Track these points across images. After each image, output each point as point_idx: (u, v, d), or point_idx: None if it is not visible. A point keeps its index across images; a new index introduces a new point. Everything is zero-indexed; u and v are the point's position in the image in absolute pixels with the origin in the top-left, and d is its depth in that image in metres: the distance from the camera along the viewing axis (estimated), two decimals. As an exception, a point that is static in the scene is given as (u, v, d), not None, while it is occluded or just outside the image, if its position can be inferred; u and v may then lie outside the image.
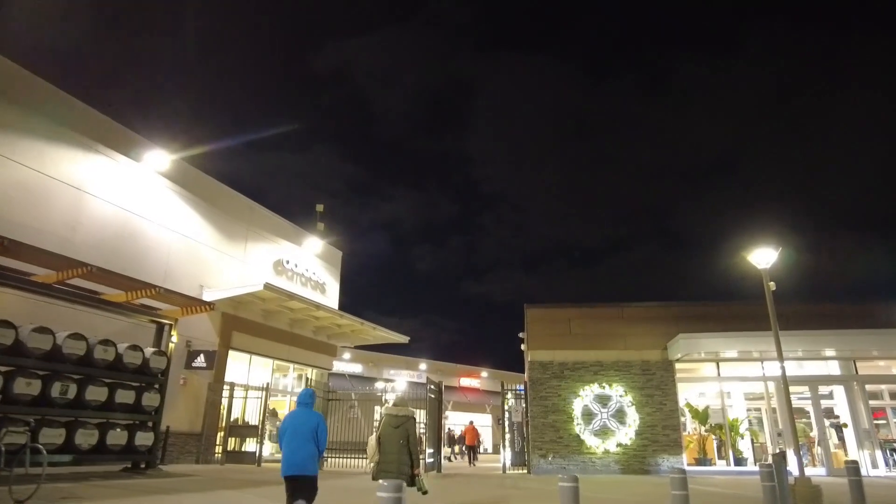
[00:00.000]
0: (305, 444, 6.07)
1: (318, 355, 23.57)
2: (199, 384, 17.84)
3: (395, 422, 7.00)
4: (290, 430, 6.16)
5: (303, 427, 6.14)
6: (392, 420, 7.03)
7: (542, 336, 16.96)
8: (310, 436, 6.11)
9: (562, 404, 16.21)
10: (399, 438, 6.87)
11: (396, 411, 7.13)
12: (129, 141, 16.62)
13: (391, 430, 6.95)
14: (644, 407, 15.93)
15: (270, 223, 22.19)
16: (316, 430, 6.16)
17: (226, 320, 19.02)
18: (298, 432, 6.11)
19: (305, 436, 6.09)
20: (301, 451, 6.05)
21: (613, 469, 15.48)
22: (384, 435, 6.97)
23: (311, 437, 6.11)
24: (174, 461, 16.37)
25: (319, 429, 6.20)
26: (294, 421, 6.22)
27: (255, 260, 20.91)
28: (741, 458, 15.70)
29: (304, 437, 6.08)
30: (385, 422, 7.11)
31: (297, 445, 6.06)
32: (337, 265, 26.10)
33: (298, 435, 6.10)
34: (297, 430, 6.13)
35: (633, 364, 16.34)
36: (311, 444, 6.10)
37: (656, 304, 17.09)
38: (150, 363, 13.22)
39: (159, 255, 17.04)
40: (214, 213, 19.42)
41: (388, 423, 7.05)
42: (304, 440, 6.07)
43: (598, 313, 17.10)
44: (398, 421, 7.01)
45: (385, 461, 6.83)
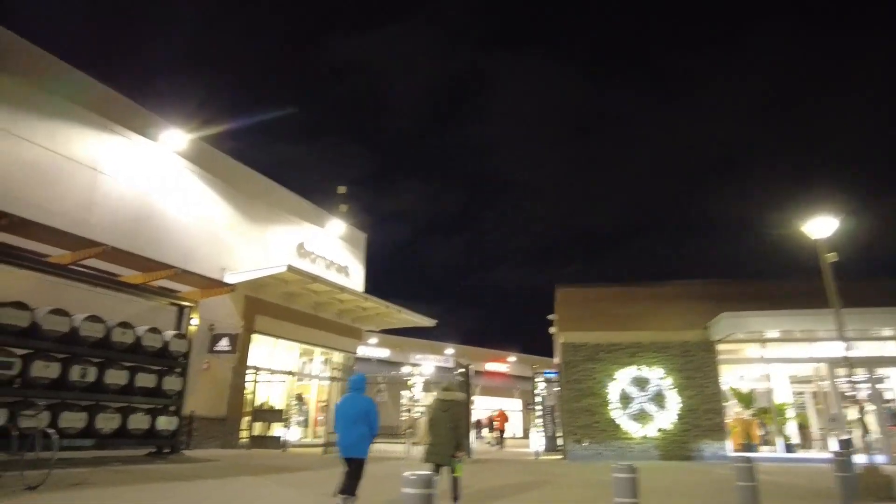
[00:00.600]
0: (355, 427, 6.34)
1: (343, 339, 23.15)
2: (223, 368, 17.52)
3: (443, 406, 7.27)
4: (341, 414, 6.50)
5: (353, 411, 6.44)
6: (441, 405, 7.31)
7: (575, 317, 16.18)
8: (360, 418, 6.37)
9: (597, 387, 15.44)
10: (448, 422, 7.09)
11: (445, 396, 7.40)
12: (145, 120, 16.19)
13: (440, 415, 7.20)
14: (684, 390, 15.08)
15: (292, 205, 21.71)
16: (367, 414, 6.45)
17: (249, 303, 18.64)
18: (349, 416, 6.42)
19: (355, 418, 6.37)
20: (351, 434, 6.33)
21: (653, 455, 14.71)
22: (433, 419, 7.24)
23: (361, 419, 6.37)
24: (199, 446, 16.10)
25: (371, 412, 6.50)
26: (345, 405, 6.57)
27: (277, 242, 20.47)
28: (790, 444, 14.76)
29: (354, 420, 6.37)
30: (434, 406, 7.43)
31: (348, 428, 6.36)
32: (361, 247, 25.57)
33: (349, 418, 6.40)
34: (348, 414, 6.44)
35: (672, 345, 15.47)
36: (362, 426, 6.36)
37: (696, 283, 16.15)
38: (170, 346, 12.86)
39: (178, 237, 16.65)
40: (234, 194, 18.98)
41: (437, 407, 7.34)
42: (353, 423, 6.36)
43: (633, 293, 16.24)
44: (447, 405, 7.27)
45: (434, 443, 7.09)
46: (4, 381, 9.87)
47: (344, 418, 6.45)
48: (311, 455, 15.04)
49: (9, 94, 12.91)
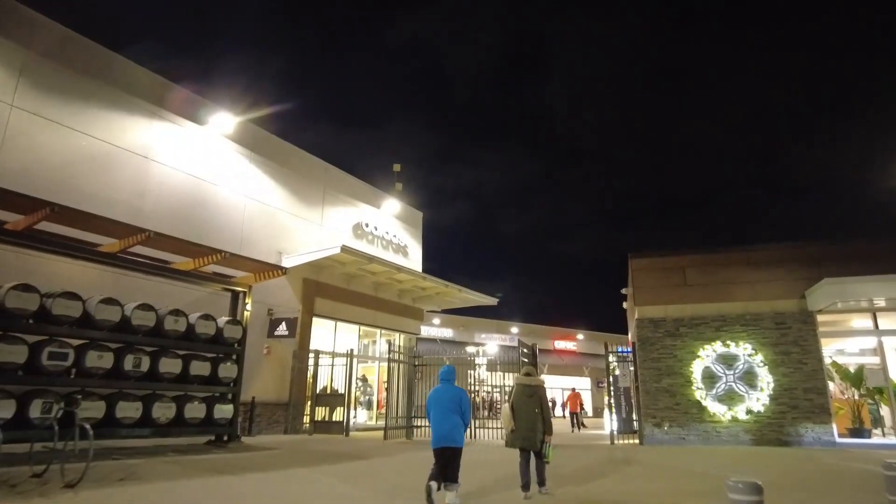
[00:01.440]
0: (449, 417, 6.36)
1: (404, 319, 22.61)
2: (284, 353, 17.30)
3: (528, 391, 7.23)
4: (434, 405, 6.52)
5: (445, 401, 6.47)
6: (525, 389, 7.26)
7: (652, 289, 14.76)
8: (452, 408, 6.40)
9: (678, 366, 14.05)
10: (533, 407, 7.09)
11: (528, 381, 7.36)
12: (194, 105, 15.92)
13: (525, 399, 7.16)
14: (779, 367, 13.45)
15: (347, 185, 21.18)
16: (460, 403, 6.46)
17: (307, 286, 18.31)
18: (442, 406, 6.44)
19: (448, 408, 6.40)
20: (445, 424, 6.33)
21: (743, 440, 13.25)
22: (517, 403, 7.17)
23: (454, 408, 6.40)
24: (262, 432, 15.97)
25: (464, 401, 6.51)
26: (437, 396, 6.57)
27: (333, 224, 20.02)
28: (911, 428, 12.89)
29: (446, 410, 6.39)
30: (517, 391, 7.32)
31: (441, 418, 6.37)
32: (418, 226, 24.86)
33: (441, 408, 6.42)
34: (441, 404, 6.45)
35: (764, 316, 13.81)
36: (455, 415, 6.37)
37: (791, 245, 14.33)
38: (224, 333, 12.53)
39: (233, 222, 16.42)
40: (289, 176, 18.60)
41: (520, 392, 7.26)
42: (447, 412, 6.38)
43: (718, 259, 14.60)
44: (531, 390, 7.24)
45: (521, 428, 7.03)
46: (60, 371, 9.73)
47: (437, 409, 6.47)
48: (374, 439, 14.53)
49: (60, 86, 12.83)
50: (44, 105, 12.49)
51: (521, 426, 7.04)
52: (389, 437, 14.36)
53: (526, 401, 7.16)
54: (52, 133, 12.55)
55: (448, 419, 6.35)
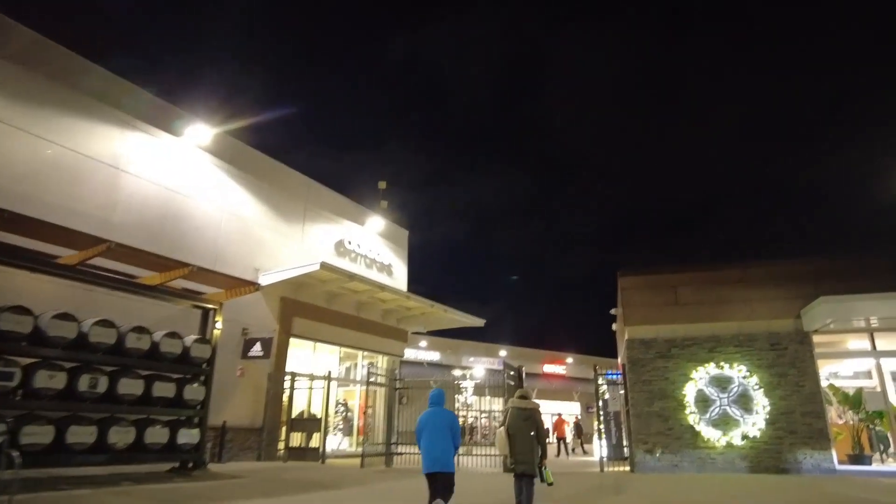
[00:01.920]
0: (441, 441, 6.25)
1: (387, 341, 21.86)
2: (259, 375, 16.50)
3: (523, 414, 7.12)
4: (426, 430, 6.37)
5: (437, 424, 6.35)
6: (520, 413, 7.14)
7: (642, 308, 14.21)
8: (445, 432, 6.30)
9: (670, 389, 13.44)
10: (529, 430, 6.99)
11: (523, 404, 7.25)
12: (169, 115, 15.35)
13: (520, 423, 7.05)
14: (775, 389, 12.89)
15: (330, 201, 20.61)
16: (451, 427, 6.37)
17: (285, 305, 17.59)
18: (435, 430, 6.32)
19: (440, 433, 6.29)
20: (437, 448, 6.21)
21: (739, 467, 12.60)
22: (513, 427, 7.05)
23: (445, 433, 6.30)
24: (234, 458, 15.09)
25: (454, 425, 6.41)
26: (429, 420, 6.44)
27: (314, 240, 19.39)
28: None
29: (439, 435, 6.28)
30: (512, 414, 7.18)
31: (433, 443, 6.25)
32: (403, 245, 24.28)
33: (434, 432, 6.30)
34: (434, 428, 6.33)
35: (758, 337, 13.29)
36: (447, 440, 6.27)
37: (786, 262, 13.89)
38: (191, 352, 11.80)
39: (208, 237, 15.75)
40: (268, 190, 18.01)
41: (516, 415, 7.14)
42: (439, 437, 6.27)
43: (711, 277, 14.11)
44: (526, 413, 7.12)
45: (518, 452, 6.92)
46: (4, 392, 8.96)
47: (429, 433, 6.35)
48: (351, 467, 13.72)
49: (26, 91, 12.26)
50: (8, 111, 11.89)
51: (518, 450, 6.94)
52: (367, 465, 13.55)
53: (522, 424, 7.05)
54: (15, 140, 11.93)
55: (439, 443, 6.27)
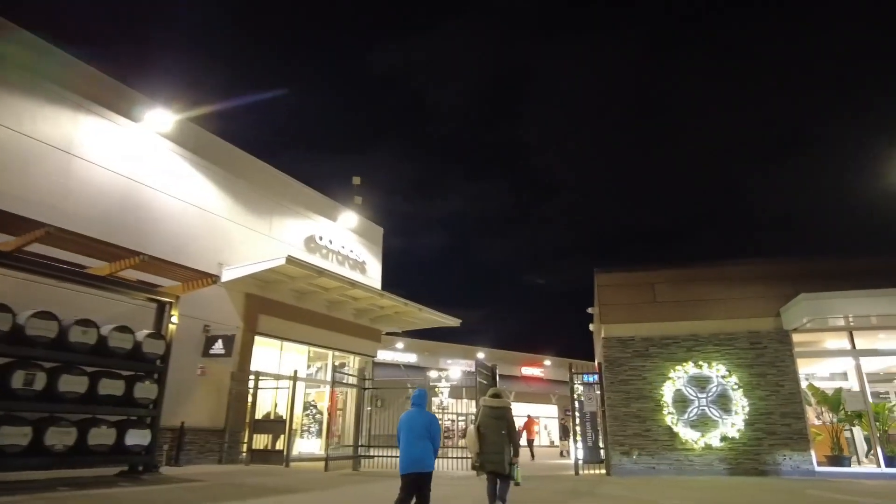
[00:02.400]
0: (420, 442, 6.23)
1: (360, 341, 21.20)
2: (221, 374, 15.73)
3: (494, 413, 7.12)
4: (405, 430, 6.35)
5: (417, 425, 6.32)
6: (492, 412, 7.15)
7: (620, 306, 13.80)
8: (423, 433, 6.27)
9: (647, 389, 13.04)
10: (500, 429, 6.96)
11: (495, 402, 7.24)
12: (128, 99, 14.58)
13: (492, 421, 7.05)
14: (754, 390, 12.55)
15: (300, 196, 19.92)
16: (430, 429, 6.33)
17: (251, 302, 16.85)
18: (413, 431, 6.30)
19: (419, 433, 6.27)
20: (416, 449, 6.20)
21: (717, 469, 12.22)
22: (484, 426, 7.05)
23: (424, 434, 6.27)
24: (193, 461, 14.31)
25: (434, 427, 6.40)
26: (409, 420, 6.40)
27: (283, 236, 18.69)
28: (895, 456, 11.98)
29: (418, 435, 6.26)
30: (484, 413, 7.21)
31: (412, 443, 6.23)
32: (378, 242, 23.66)
33: (413, 433, 6.28)
34: (412, 429, 6.31)
35: (738, 336, 12.96)
36: (426, 441, 6.26)
37: (766, 262, 13.60)
38: (143, 347, 11.05)
39: (170, 229, 14.98)
40: (235, 183, 17.28)
41: (487, 414, 7.15)
42: (418, 438, 6.24)
43: (690, 275, 13.76)
44: (498, 412, 7.12)
45: (489, 451, 6.91)
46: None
47: (409, 434, 6.32)
48: (317, 471, 13.06)
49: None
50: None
51: (489, 449, 6.92)
52: (332, 468, 12.90)
53: (493, 423, 7.04)
54: (-47, 120, 11.11)
55: (419, 444, 6.25)
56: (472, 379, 16.90)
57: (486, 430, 7.02)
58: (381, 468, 14.36)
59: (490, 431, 6.99)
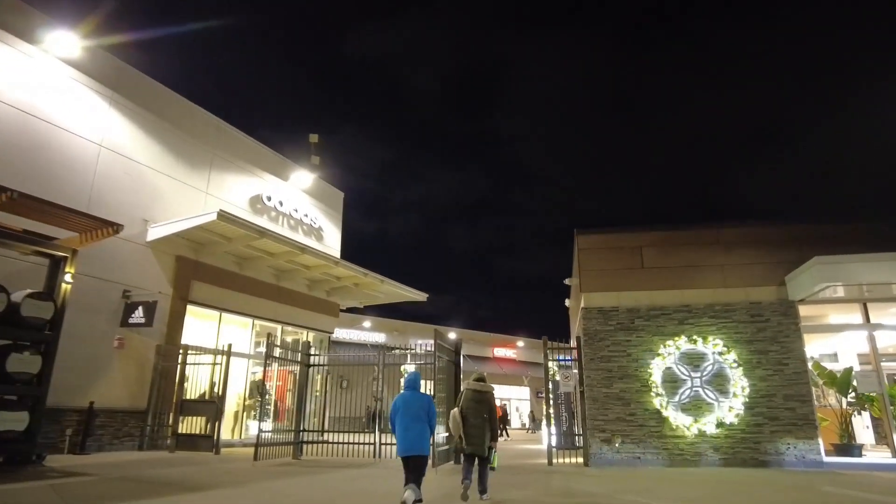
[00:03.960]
0: (415, 425, 6.24)
1: (315, 315, 19.20)
2: (145, 348, 13.63)
3: (477, 396, 7.20)
4: (401, 413, 6.34)
5: (412, 408, 6.33)
6: (474, 395, 7.22)
7: (602, 273, 12.03)
8: (420, 415, 6.30)
9: (633, 367, 11.33)
10: (483, 412, 7.09)
11: (479, 386, 7.30)
12: (25, 16, 12.21)
13: (474, 405, 7.14)
14: (755, 369, 10.93)
15: (245, 150, 17.69)
16: (427, 411, 6.38)
17: (182, 267, 14.71)
18: (409, 414, 6.30)
19: (415, 416, 6.28)
20: (412, 432, 6.21)
21: (711, 459, 10.61)
22: (467, 409, 7.12)
23: (421, 416, 6.31)
24: (105, 448, 12.25)
25: (430, 409, 6.43)
26: (404, 403, 6.39)
27: (223, 193, 16.49)
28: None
29: (413, 418, 6.27)
30: (466, 396, 7.29)
31: (408, 426, 6.23)
32: (338, 208, 21.54)
33: (408, 416, 6.28)
34: (408, 412, 6.31)
35: (737, 307, 11.31)
36: (422, 423, 6.28)
37: (769, 224, 11.92)
38: (22, 311, 8.95)
39: (80, 175, 12.75)
40: (166, 130, 15.02)
41: (470, 397, 7.22)
42: (413, 420, 6.26)
43: (682, 238, 12.03)
44: (480, 396, 7.21)
45: (470, 434, 6.97)
46: None
47: (404, 417, 6.32)
48: (247, 459, 11.09)
49: None
50: None
51: (471, 432, 6.99)
52: (264, 457, 10.95)
53: (475, 407, 7.12)
54: None
55: (415, 427, 6.23)
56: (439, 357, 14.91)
57: (469, 414, 7.08)
58: (336, 456, 12.48)
59: (472, 415, 7.06)
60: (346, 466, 10.65)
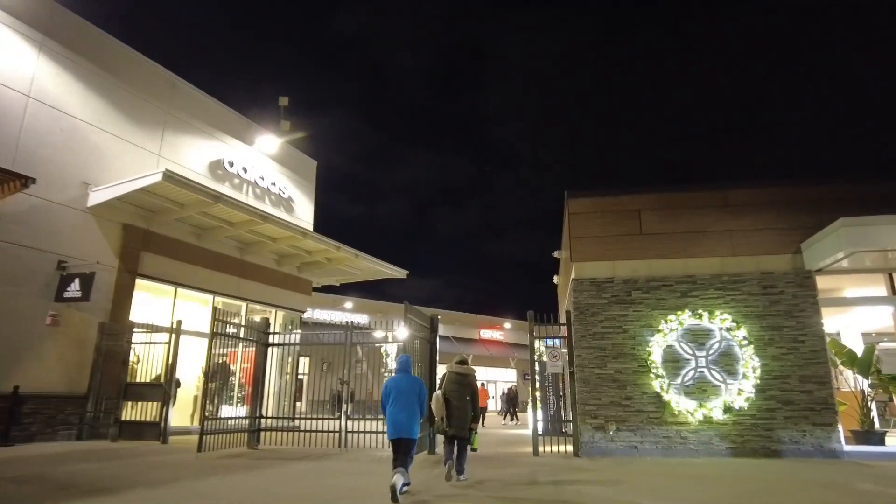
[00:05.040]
0: (407, 407, 6.26)
1: (284, 293, 17.80)
2: (85, 326, 12.19)
3: (460, 379, 7.26)
4: (392, 395, 6.34)
5: (403, 391, 6.34)
6: (457, 377, 7.28)
7: (596, 240, 10.71)
8: (412, 398, 6.32)
9: (629, 345, 10.07)
10: (465, 395, 7.14)
11: (461, 369, 7.34)
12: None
13: (457, 387, 7.19)
14: (767, 346, 9.71)
15: (205, 110, 16.11)
16: (419, 394, 6.41)
17: (130, 236, 13.22)
18: (400, 397, 6.30)
19: (408, 399, 6.30)
20: (403, 414, 6.20)
21: (718, 448, 9.42)
22: (449, 391, 7.17)
23: (413, 399, 6.32)
24: (36, 438, 10.85)
25: (422, 392, 6.48)
26: (396, 386, 6.41)
27: (179, 157, 14.95)
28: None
29: (405, 401, 6.28)
30: (449, 378, 7.32)
31: (399, 409, 6.24)
32: (310, 178, 20.03)
33: (400, 399, 6.29)
34: (400, 395, 6.30)
35: (747, 278, 10.06)
36: (414, 406, 6.31)
37: (782, 185, 10.63)
38: None
39: (6, 129, 11.19)
40: (113, 85, 13.45)
41: (453, 380, 7.28)
42: (405, 404, 6.27)
43: (685, 201, 10.71)
44: (463, 379, 7.27)
45: (453, 416, 7.03)
46: None
47: (396, 399, 6.30)
48: (190, 451, 9.72)
49: None
50: None
51: (454, 414, 7.02)
52: (211, 447, 9.59)
53: (458, 389, 7.15)
54: None
55: (406, 410, 6.21)
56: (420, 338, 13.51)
57: (451, 396, 7.10)
58: (297, 445, 11.17)
59: (454, 397, 7.08)
60: (303, 458, 9.34)
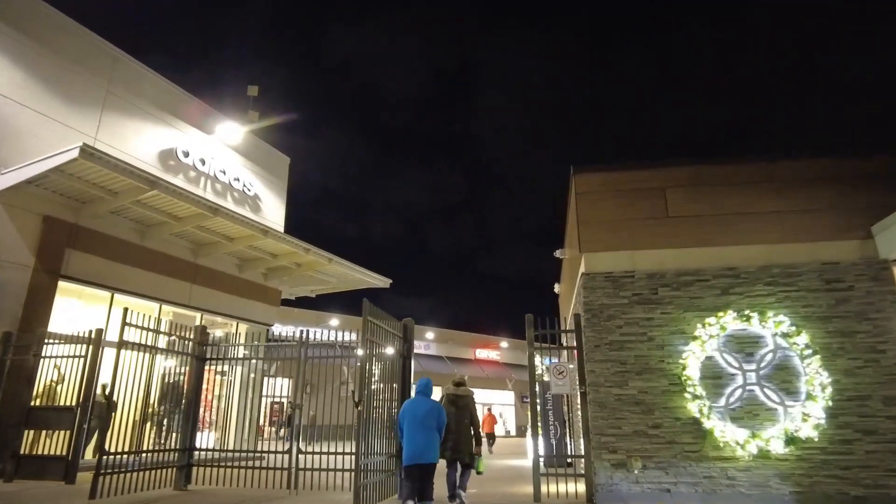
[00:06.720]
0: (425, 432, 6.04)
1: (247, 303, 15.60)
2: (-15, 336, 9.98)
3: (458, 401, 7.07)
4: (408, 419, 6.21)
5: (421, 414, 6.18)
6: (454, 400, 7.08)
7: (610, 225, 8.57)
8: (429, 423, 6.09)
9: (657, 357, 7.88)
10: (463, 418, 6.88)
11: (458, 391, 7.18)
12: None
13: (454, 411, 6.94)
14: (836, 358, 7.54)
15: (155, 91, 14.06)
16: (437, 417, 6.21)
17: (52, 230, 11.07)
18: (416, 420, 6.15)
19: (424, 423, 6.10)
20: (421, 439, 6.00)
21: (778, 492, 7.18)
22: (448, 415, 6.77)
23: (430, 423, 6.09)
24: None
25: (441, 416, 6.33)
26: (413, 409, 6.27)
27: (120, 141, 12.86)
28: None
29: (422, 425, 6.09)
30: (447, 401, 7.06)
31: (416, 433, 6.08)
32: (282, 176, 17.97)
33: (416, 423, 6.13)
34: (416, 418, 6.16)
35: (802, 269, 7.93)
36: (432, 431, 6.09)
37: (841, 158, 8.55)
38: None
39: None
40: (41, 56, 11.49)
41: (451, 402, 7.07)
42: (422, 428, 6.06)
43: (723, 176, 8.57)
44: (460, 402, 7.07)
45: (450, 440, 6.77)
46: None
47: (413, 424, 6.14)
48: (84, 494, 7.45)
49: None
50: None
51: (451, 437, 6.77)
52: (117, 491, 7.34)
53: (455, 412, 6.92)
54: None
55: (423, 434, 6.04)
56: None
57: (450, 420, 6.75)
58: (237, 486, 8.89)
59: (453, 420, 6.80)
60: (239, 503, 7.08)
